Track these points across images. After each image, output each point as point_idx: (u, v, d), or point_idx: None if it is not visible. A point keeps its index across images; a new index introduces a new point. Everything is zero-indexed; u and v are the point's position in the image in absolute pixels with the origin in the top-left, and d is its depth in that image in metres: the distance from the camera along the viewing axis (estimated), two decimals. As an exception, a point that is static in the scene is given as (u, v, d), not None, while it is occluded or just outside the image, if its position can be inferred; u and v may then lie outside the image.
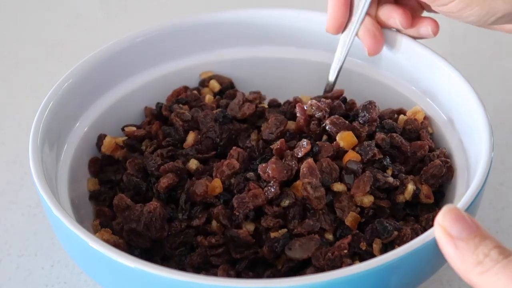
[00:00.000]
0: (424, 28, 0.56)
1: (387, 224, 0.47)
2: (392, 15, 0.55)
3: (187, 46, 0.62)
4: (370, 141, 0.51)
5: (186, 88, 0.62)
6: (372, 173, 0.49)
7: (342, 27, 0.57)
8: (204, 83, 0.63)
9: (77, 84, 0.55)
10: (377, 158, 0.50)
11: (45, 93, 0.53)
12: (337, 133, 0.51)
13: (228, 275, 0.47)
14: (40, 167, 0.47)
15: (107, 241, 0.47)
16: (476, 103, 0.51)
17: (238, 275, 0.47)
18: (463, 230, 0.38)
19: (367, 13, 0.56)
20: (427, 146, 0.53)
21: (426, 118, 0.56)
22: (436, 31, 0.55)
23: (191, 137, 0.55)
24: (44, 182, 0.46)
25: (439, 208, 0.45)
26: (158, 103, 0.60)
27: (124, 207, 0.51)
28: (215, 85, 0.62)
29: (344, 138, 0.51)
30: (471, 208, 0.44)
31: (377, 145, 0.51)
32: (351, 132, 0.51)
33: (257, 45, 0.63)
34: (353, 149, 0.51)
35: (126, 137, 0.57)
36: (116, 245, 0.48)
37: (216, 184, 0.50)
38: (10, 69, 0.80)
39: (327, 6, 0.56)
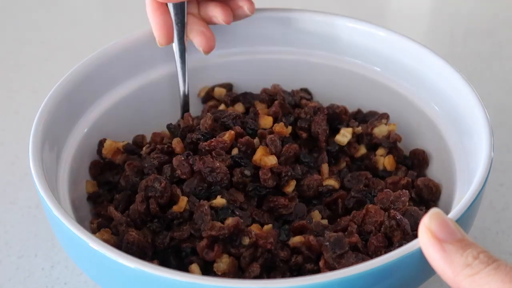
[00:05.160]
0: (240, 10, 0.57)
1: None
2: (214, 14, 0.57)
3: (188, 46, 0.62)
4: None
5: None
6: None
7: (172, 35, 0.57)
8: (208, 97, 0.63)
9: (77, 85, 0.55)
10: None
11: (45, 94, 0.53)
12: None
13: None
14: (40, 167, 0.47)
15: (107, 241, 0.47)
16: (476, 103, 0.51)
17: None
18: (450, 234, 0.37)
19: (189, 13, 0.57)
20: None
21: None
22: (252, 9, 0.57)
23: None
24: (44, 182, 0.46)
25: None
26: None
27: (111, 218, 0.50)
28: (221, 91, 0.62)
29: None
30: (471, 209, 0.44)
31: None
32: None
33: (257, 46, 0.63)
34: None
35: (126, 142, 0.57)
36: (116, 245, 0.48)
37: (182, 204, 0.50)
38: (10, 70, 0.80)
39: (150, 21, 0.57)
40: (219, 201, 0.49)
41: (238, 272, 0.47)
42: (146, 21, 0.57)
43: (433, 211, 0.39)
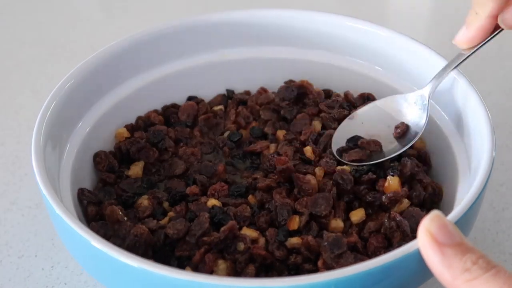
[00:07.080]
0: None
1: None
2: None
3: (189, 46, 0.62)
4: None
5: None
6: None
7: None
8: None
9: (79, 84, 0.55)
10: None
11: (45, 94, 0.53)
12: None
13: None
14: (42, 166, 0.47)
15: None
16: (478, 103, 0.51)
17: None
18: (450, 237, 0.37)
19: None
20: None
21: None
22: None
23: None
24: (47, 181, 0.46)
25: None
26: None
27: (114, 220, 0.50)
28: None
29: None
30: (473, 209, 0.44)
31: None
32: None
33: (259, 45, 0.63)
34: None
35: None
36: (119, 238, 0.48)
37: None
38: (11, 70, 0.80)
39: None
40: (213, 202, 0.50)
41: (235, 275, 0.47)
42: (147, 22, 0.57)
43: (434, 213, 0.38)
